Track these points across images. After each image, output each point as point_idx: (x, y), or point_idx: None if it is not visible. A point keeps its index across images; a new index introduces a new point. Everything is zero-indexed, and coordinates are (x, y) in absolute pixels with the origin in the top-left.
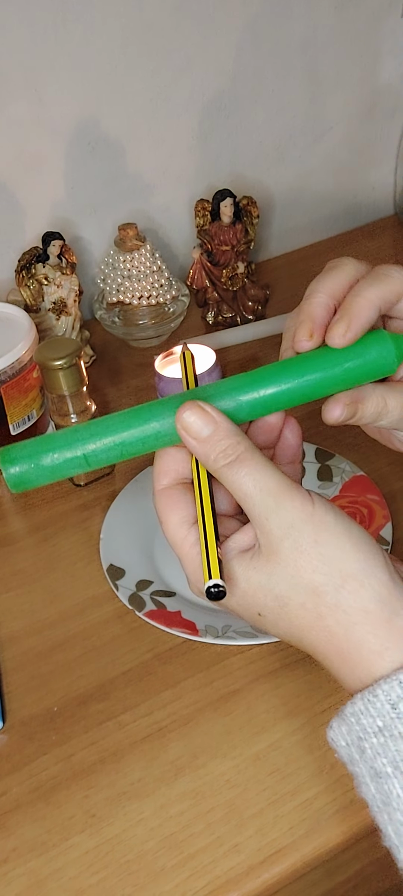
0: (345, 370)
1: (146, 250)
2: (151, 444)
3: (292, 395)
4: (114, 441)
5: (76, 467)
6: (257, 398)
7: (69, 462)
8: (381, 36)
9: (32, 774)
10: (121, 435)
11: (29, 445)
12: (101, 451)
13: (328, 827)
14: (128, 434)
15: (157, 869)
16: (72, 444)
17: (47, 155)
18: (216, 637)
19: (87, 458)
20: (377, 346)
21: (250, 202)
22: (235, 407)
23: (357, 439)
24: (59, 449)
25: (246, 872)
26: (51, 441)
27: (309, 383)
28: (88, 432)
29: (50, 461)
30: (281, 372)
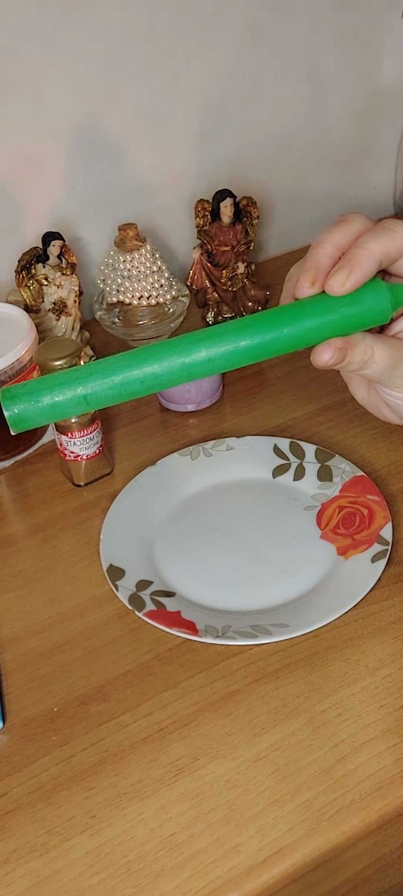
0: (341, 316)
1: (146, 250)
2: (149, 385)
3: (291, 340)
4: (114, 381)
5: (76, 406)
6: (256, 343)
7: (69, 401)
8: (381, 36)
9: (33, 775)
10: (120, 375)
11: (29, 385)
12: (101, 390)
13: (328, 827)
14: (128, 374)
15: (158, 869)
16: (72, 383)
17: (47, 155)
18: (216, 637)
19: (87, 397)
20: (373, 294)
21: (250, 202)
22: (233, 350)
23: (357, 439)
24: (59, 387)
25: (247, 873)
26: (51, 380)
27: (306, 328)
28: (88, 371)
29: (50, 400)
30: (280, 317)
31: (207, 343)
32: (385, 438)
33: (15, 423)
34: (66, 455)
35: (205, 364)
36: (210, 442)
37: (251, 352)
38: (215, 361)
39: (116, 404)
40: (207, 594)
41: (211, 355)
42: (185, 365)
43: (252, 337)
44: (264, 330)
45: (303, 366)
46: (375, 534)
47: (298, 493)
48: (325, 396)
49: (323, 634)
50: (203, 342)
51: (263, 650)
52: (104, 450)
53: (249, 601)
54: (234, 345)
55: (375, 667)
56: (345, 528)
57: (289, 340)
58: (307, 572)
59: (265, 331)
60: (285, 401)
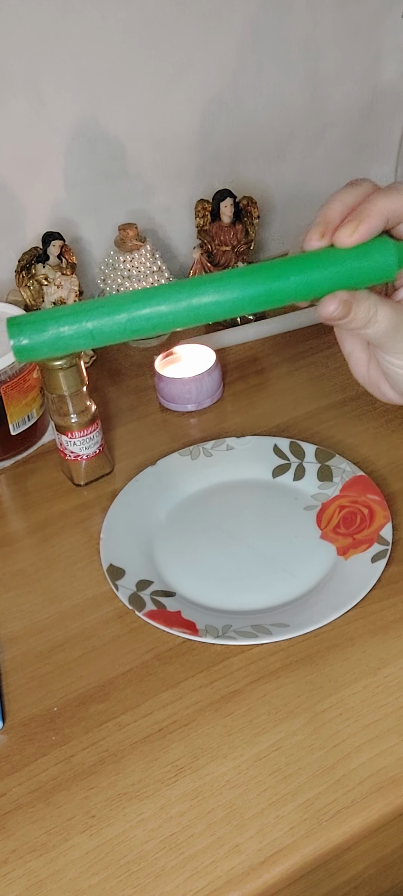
0: (348, 268)
1: (146, 250)
2: (154, 324)
3: (297, 289)
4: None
5: (81, 339)
6: (263, 290)
7: (75, 333)
8: (382, 34)
9: (32, 775)
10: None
11: (36, 314)
12: (107, 325)
13: (329, 827)
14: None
15: (158, 869)
16: (78, 315)
17: (47, 155)
18: (216, 637)
19: (93, 331)
20: (380, 249)
21: (250, 202)
22: (240, 294)
23: (357, 439)
24: (65, 318)
25: (247, 873)
26: (58, 312)
27: (313, 278)
28: (95, 305)
29: (55, 330)
30: (288, 266)
31: (215, 286)
32: (386, 438)
33: (19, 352)
34: (66, 455)
35: (212, 307)
36: (210, 442)
37: (257, 298)
38: (221, 305)
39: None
40: (207, 594)
41: (218, 298)
42: (192, 306)
43: (259, 283)
44: (271, 277)
45: (303, 365)
46: (375, 533)
47: (298, 493)
48: (325, 396)
49: (324, 634)
50: (210, 284)
51: (263, 650)
52: (104, 449)
53: (249, 601)
54: (241, 290)
55: (376, 666)
56: (345, 527)
57: (296, 289)
58: (307, 572)
59: (272, 278)
60: (285, 400)
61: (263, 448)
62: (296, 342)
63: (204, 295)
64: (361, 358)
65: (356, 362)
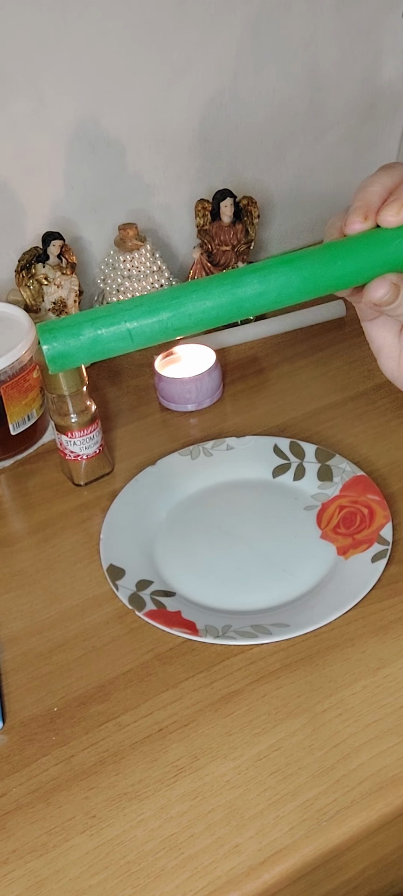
0: (395, 249)
1: (146, 250)
2: (197, 321)
3: (344, 274)
4: (161, 317)
5: (120, 342)
6: (309, 275)
7: (113, 335)
8: (382, 35)
9: (32, 775)
10: (167, 310)
11: (69, 318)
12: (147, 324)
13: (328, 828)
14: (175, 309)
15: (158, 870)
16: (116, 315)
17: (47, 155)
18: (216, 637)
19: (132, 332)
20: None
21: (250, 202)
22: (285, 282)
23: (357, 439)
24: (102, 320)
25: (247, 873)
26: (93, 314)
27: (361, 261)
28: (133, 304)
29: (92, 333)
30: (333, 250)
31: (258, 276)
32: (386, 438)
33: (53, 360)
34: (66, 455)
35: (257, 298)
36: (210, 442)
37: (303, 284)
38: (266, 295)
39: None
40: (207, 594)
41: (264, 288)
42: (236, 298)
43: (304, 269)
44: (318, 262)
45: (303, 365)
46: (375, 533)
47: (298, 493)
48: (325, 396)
49: (324, 634)
50: (254, 275)
51: (263, 650)
52: (104, 449)
53: (249, 601)
54: (286, 278)
55: (376, 666)
56: (346, 527)
57: (343, 274)
58: (307, 572)
59: (319, 263)
60: (285, 400)
61: (263, 448)
62: (296, 342)
63: (248, 286)
64: (392, 352)
65: (387, 357)
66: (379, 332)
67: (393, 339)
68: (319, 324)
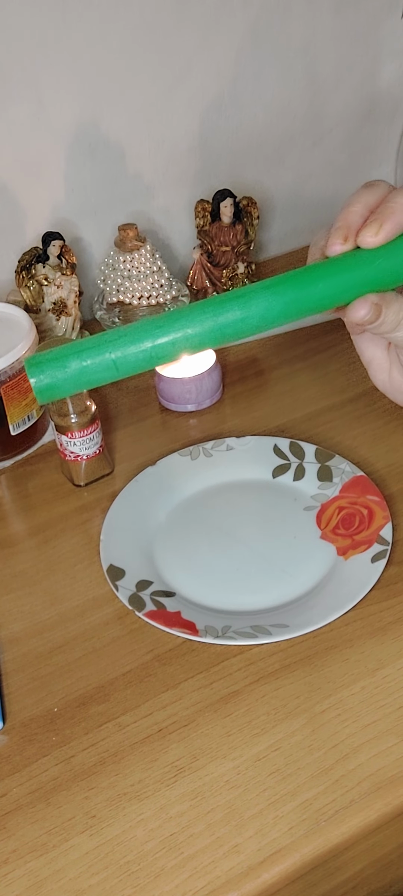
0: (376, 269)
1: (146, 251)
2: (180, 348)
3: (325, 296)
4: (145, 346)
5: (105, 372)
6: (290, 300)
7: (98, 366)
8: (381, 38)
9: (32, 776)
10: (150, 339)
11: (55, 350)
12: (131, 354)
13: (328, 827)
14: (158, 338)
15: (157, 869)
16: (101, 347)
17: (47, 156)
18: (216, 637)
19: (117, 362)
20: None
21: (250, 203)
22: (266, 308)
23: (357, 440)
24: (87, 352)
25: (246, 873)
26: (78, 346)
27: (341, 282)
28: (117, 335)
29: (78, 365)
30: (313, 273)
31: (239, 302)
32: (385, 439)
33: (41, 392)
34: (66, 455)
35: (239, 324)
36: (210, 442)
37: (285, 309)
38: (248, 321)
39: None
40: (207, 594)
41: (245, 314)
42: (218, 325)
43: (285, 294)
44: (298, 286)
45: (303, 367)
46: (375, 534)
47: (298, 494)
48: (325, 397)
49: (323, 635)
50: (235, 301)
51: (263, 650)
52: (104, 450)
53: (249, 601)
54: (267, 302)
55: (375, 667)
56: (345, 528)
57: (324, 297)
58: (307, 572)
59: (299, 287)
60: (285, 401)
61: (263, 448)
62: (296, 343)
63: (230, 312)
64: (382, 364)
65: (377, 369)
66: (368, 346)
67: (382, 353)
68: (319, 325)
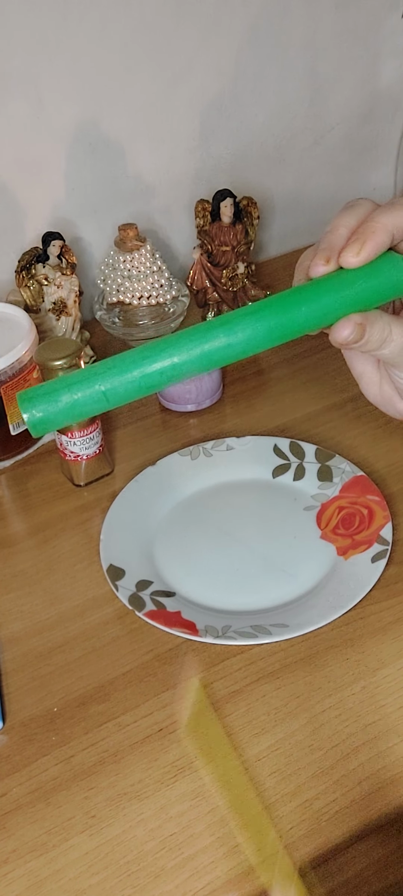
0: (359, 290)
1: (146, 250)
2: (169, 377)
3: (309, 318)
4: (133, 376)
5: (96, 403)
6: (274, 324)
7: (88, 398)
8: (381, 37)
9: (32, 775)
10: (138, 369)
11: (46, 385)
12: (120, 385)
13: (328, 828)
14: (146, 367)
15: (157, 869)
16: (90, 379)
17: (47, 156)
18: (216, 637)
19: (106, 393)
20: (389, 266)
21: (250, 203)
22: (252, 333)
23: (357, 440)
24: (77, 385)
25: (246, 873)
26: (68, 379)
27: (324, 304)
28: (105, 367)
29: (69, 398)
30: (296, 296)
31: (224, 329)
32: (385, 439)
33: (35, 427)
34: (66, 455)
35: (225, 350)
36: (210, 442)
37: (269, 334)
38: (234, 347)
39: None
40: (207, 594)
41: (231, 341)
42: (205, 352)
43: (269, 318)
44: (281, 311)
45: (303, 366)
46: (375, 534)
47: (298, 494)
48: (325, 397)
49: (323, 634)
50: (220, 328)
51: (263, 650)
52: (104, 450)
53: (249, 601)
54: (253, 328)
55: (375, 667)
56: (345, 528)
57: (308, 319)
58: (307, 572)
59: (282, 311)
60: (285, 401)
61: (263, 448)
62: (296, 343)
63: (216, 339)
64: (373, 378)
65: (368, 383)
66: (358, 362)
67: (372, 368)
68: None
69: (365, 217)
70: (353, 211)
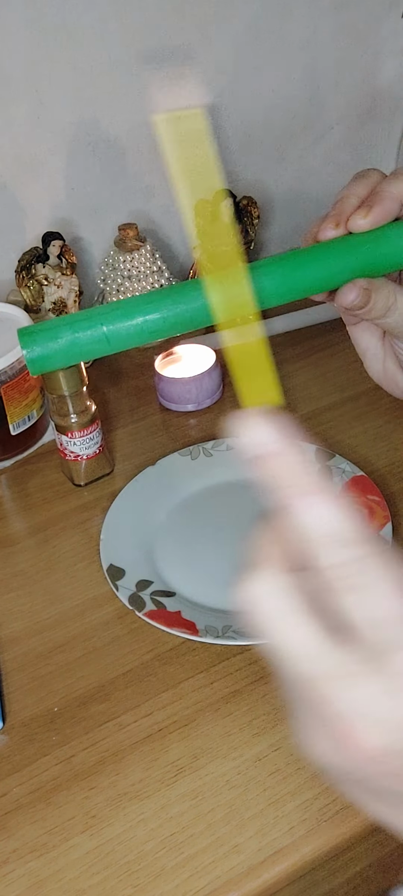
0: (365, 254)
1: (146, 250)
2: (171, 324)
3: (315, 279)
4: (136, 320)
5: (96, 344)
6: (280, 282)
7: (90, 339)
8: (381, 36)
9: (33, 775)
10: (142, 314)
11: (48, 322)
12: (123, 327)
13: (328, 827)
14: (149, 313)
15: (158, 869)
16: (92, 319)
17: (47, 156)
18: (216, 637)
19: (108, 335)
20: (396, 233)
21: (250, 202)
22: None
23: (357, 439)
24: (79, 324)
25: (247, 873)
26: (70, 318)
27: (331, 266)
28: (108, 309)
29: (70, 336)
30: (304, 256)
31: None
32: (385, 438)
33: (33, 363)
34: (66, 455)
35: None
36: (210, 442)
37: (276, 290)
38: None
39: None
40: (207, 594)
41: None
42: (209, 303)
43: (276, 275)
44: (289, 268)
45: (303, 366)
46: (375, 534)
47: None
48: (325, 397)
49: None
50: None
51: (263, 650)
52: (104, 450)
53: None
54: (258, 283)
55: None
56: None
57: (314, 279)
58: None
59: (290, 269)
60: (285, 401)
61: None
62: (296, 343)
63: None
64: (377, 354)
65: (372, 359)
66: (363, 336)
67: (377, 342)
68: (318, 324)
69: (374, 186)
70: (363, 180)
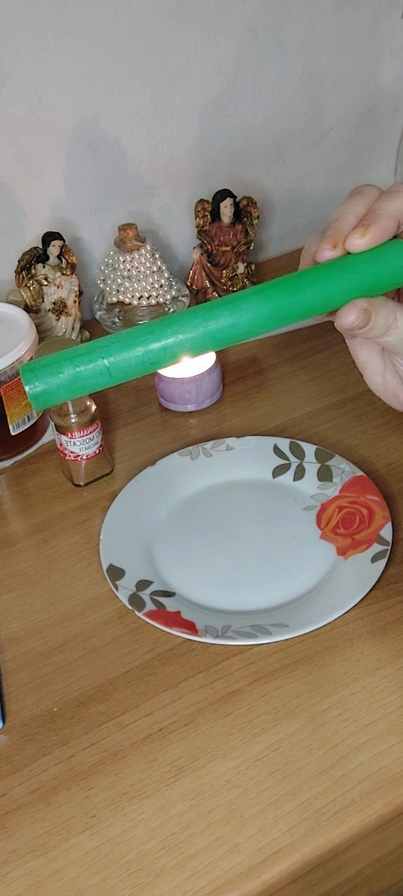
0: (364, 275)
1: (146, 251)
2: (172, 354)
3: (313, 302)
4: (137, 351)
5: (99, 378)
6: (279, 306)
7: (92, 372)
8: (381, 37)
9: (32, 775)
10: (143, 345)
11: (49, 357)
12: (124, 360)
13: (328, 827)
14: (150, 344)
15: (157, 869)
16: (94, 353)
17: (47, 156)
18: (216, 637)
19: (110, 368)
20: (393, 252)
21: (250, 202)
22: (255, 314)
23: (357, 439)
24: (80, 358)
25: (246, 873)
26: (72, 352)
27: (329, 288)
28: (109, 342)
29: (72, 371)
30: (302, 279)
31: (229, 308)
32: (385, 438)
33: (36, 399)
34: (66, 455)
35: (229, 329)
36: (210, 442)
37: (273, 316)
38: (238, 326)
39: (135, 378)
40: (207, 594)
41: (235, 320)
42: (209, 331)
43: (273, 300)
44: (286, 292)
45: (303, 366)
46: (375, 534)
47: (298, 493)
48: (325, 396)
49: (323, 634)
50: (224, 307)
51: (263, 650)
52: (104, 450)
53: (249, 601)
54: (256, 308)
55: (375, 667)
56: (345, 528)
57: (312, 302)
58: (307, 572)
59: (287, 293)
60: (285, 401)
61: (263, 448)
62: (296, 343)
63: (219, 318)
64: (377, 368)
65: (372, 372)
66: (361, 350)
67: (376, 357)
68: (319, 325)
69: (371, 204)
70: (360, 198)
